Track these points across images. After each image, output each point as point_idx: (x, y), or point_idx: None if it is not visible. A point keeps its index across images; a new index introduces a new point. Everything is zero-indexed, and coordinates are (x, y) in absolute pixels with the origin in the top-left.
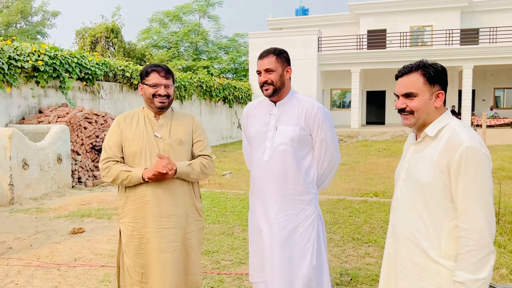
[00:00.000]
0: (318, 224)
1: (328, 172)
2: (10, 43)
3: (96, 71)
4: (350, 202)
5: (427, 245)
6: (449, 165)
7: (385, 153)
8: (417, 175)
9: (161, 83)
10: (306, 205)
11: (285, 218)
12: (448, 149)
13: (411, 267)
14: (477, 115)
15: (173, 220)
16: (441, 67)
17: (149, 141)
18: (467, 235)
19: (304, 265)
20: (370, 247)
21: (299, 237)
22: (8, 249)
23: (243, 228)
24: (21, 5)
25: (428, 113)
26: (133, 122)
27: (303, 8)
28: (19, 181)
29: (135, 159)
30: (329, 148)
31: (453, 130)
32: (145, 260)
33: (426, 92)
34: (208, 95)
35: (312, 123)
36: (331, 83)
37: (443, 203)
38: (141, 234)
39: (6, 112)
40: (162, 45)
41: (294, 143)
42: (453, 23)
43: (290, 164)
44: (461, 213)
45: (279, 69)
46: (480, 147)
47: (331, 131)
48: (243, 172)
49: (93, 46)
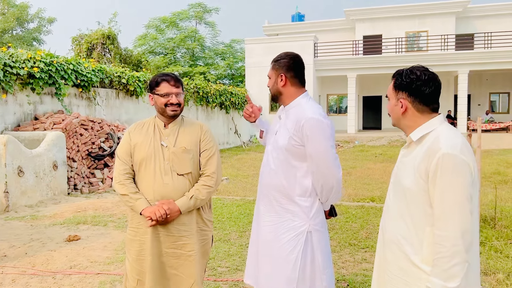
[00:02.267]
0: (306, 239)
1: (328, 191)
2: (5, 50)
3: (92, 77)
4: (346, 207)
5: (410, 250)
6: (428, 171)
7: (382, 158)
8: (402, 179)
9: (172, 92)
10: (293, 216)
11: (269, 223)
12: (427, 155)
13: (397, 271)
14: (472, 119)
15: (173, 229)
16: (414, 76)
17: (155, 149)
18: (440, 242)
19: (283, 276)
20: (367, 252)
21: (282, 246)
22: (3, 257)
23: (239, 234)
24: (17, 12)
25: (397, 118)
26: (142, 130)
27: (299, 14)
28: (14, 189)
29: (141, 166)
30: (321, 164)
31: (436, 136)
32: (142, 266)
33: (393, 98)
34: (204, 101)
35: (301, 135)
36: (328, 89)
37: (424, 209)
38: (142, 240)
39: (1, 119)
40: (158, 51)
41: (282, 151)
42: (448, 28)
43: (279, 172)
44: (437, 219)
45: (273, 76)
46: (459, 154)
47: (322, 145)
48: (240, 178)
49: (89, 52)
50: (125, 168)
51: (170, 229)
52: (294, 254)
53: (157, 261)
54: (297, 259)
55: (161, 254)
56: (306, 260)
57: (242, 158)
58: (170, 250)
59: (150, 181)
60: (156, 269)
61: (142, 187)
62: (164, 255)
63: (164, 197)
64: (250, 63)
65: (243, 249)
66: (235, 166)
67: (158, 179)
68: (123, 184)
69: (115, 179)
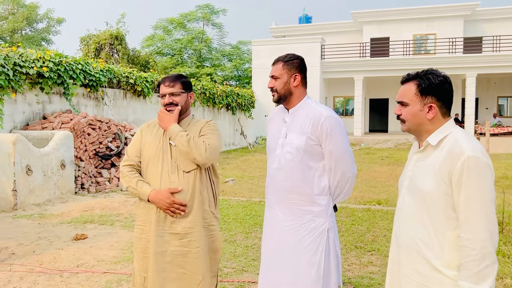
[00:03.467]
0: (328, 237)
1: (343, 186)
2: (15, 49)
3: (100, 77)
4: (352, 210)
5: (430, 254)
6: (451, 174)
7: (388, 161)
8: (420, 184)
9: (166, 92)
10: (314, 216)
11: (290, 228)
12: (450, 159)
13: (415, 276)
14: (480, 123)
15: (178, 227)
16: (439, 79)
17: (163, 147)
18: (469, 245)
19: (309, 279)
20: (373, 255)
21: (305, 249)
22: (11, 255)
23: (245, 235)
24: (26, 12)
25: (419, 123)
26: (154, 129)
27: (306, 16)
28: (22, 187)
29: (148, 163)
30: (340, 160)
31: (455, 139)
32: (148, 264)
33: (417, 103)
34: (211, 102)
35: (319, 133)
36: (334, 91)
37: (446, 212)
38: (147, 238)
39: (10, 118)
40: (166, 52)
41: (300, 152)
42: (456, 31)
43: (296, 174)
44: (463, 222)
45: (284, 76)
46: (482, 157)
47: (341, 142)
48: (245, 179)
49: (97, 52)
50: (130, 165)
51: (176, 227)
52: (318, 254)
53: (161, 261)
54: (320, 259)
55: (167, 254)
56: (327, 258)
57: (248, 159)
58: (177, 248)
59: (157, 179)
60: (160, 270)
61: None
62: (170, 255)
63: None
64: (256, 65)
65: (249, 250)
66: (241, 167)
67: (164, 177)
68: (126, 176)
69: (120, 174)
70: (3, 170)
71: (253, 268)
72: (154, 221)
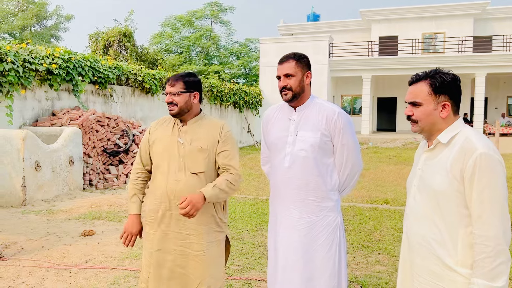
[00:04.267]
0: (339, 231)
1: (350, 179)
2: (25, 46)
3: (109, 74)
4: (360, 209)
5: (443, 252)
6: (463, 171)
7: (396, 160)
8: (431, 182)
9: (168, 91)
10: (328, 211)
11: (307, 225)
12: (462, 156)
13: (427, 275)
14: (489, 123)
15: (183, 226)
16: (451, 77)
17: (171, 145)
18: (482, 242)
19: (326, 274)
20: (380, 254)
21: (321, 244)
22: (20, 250)
23: (252, 233)
24: (36, 9)
25: (433, 123)
26: (163, 126)
27: (314, 14)
28: (31, 183)
29: (157, 161)
30: (350, 155)
31: (466, 137)
32: (152, 259)
33: (431, 102)
34: (218, 100)
35: (332, 129)
36: (342, 89)
37: (458, 210)
38: (154, 234)
39: (20, 114)
40: (173, 50)
41: (315, 149)
42: (466, 30)
43: (311, 171)
44: (476, 219)
45: (298, 74)
46: (494, 154)
47: (352, 137)
48: (252, 177)
49: (105, 50)
50: (139, 167)
51: (181, 227)
52: (332, 249)
53: (163, 258)
54: (335, 253)
55: (170, 252)
56: (340, 252)
57: (255, 157)
58: (178, 248)
59: (164, 176)
60: (161, 266)
61: (156, 182)
62: (173, 253)
63: (176, 193)
64: (264, 63)
65: (256, 247)
66: (248, 165)
67: (171, 175)
68: (130, 183)
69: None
70: (12, 165)
71: (260, 266)
72: (160, 218)
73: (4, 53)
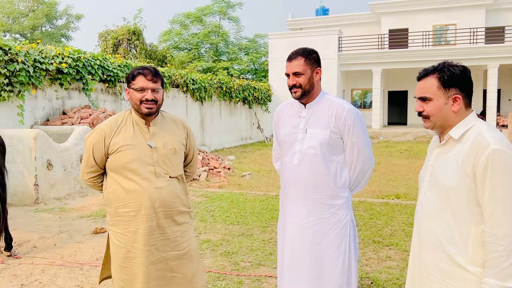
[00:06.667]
0: (349, 229)
1: (362, 177)
2: (35, 46)
3: (118, 73)
4: (371, 204)
5: (454, 250)
6: (475, 168)
7: (407, 154)
8: (442, 178)
9: (148, 87)
10: (337, 209)
11: (316, 223)
12: (474, 152)
13: (437, 273)
14: (502, 115)
15: (169, 231)
16: (460, 70)
17: (141, 151)
18: (494, 241)
19: (336, 272)
20: (391, 250)
21: (330, 242)
22: (33, 248)
23: (262, 229)
24: (46, 9)
25: (445, 117)
26: (121, 131)
27: (323, 8)
28: (43, 181)
29: (125, 170)
30: (361, 152)
31: (479, 132)
32: (128, 274)
33: (441, 97)
34: (228, 96)
35: (342, 126)
36: (352, 83)
37: (469, 208)
38: (129, 248)
39: (31, 114)
40: (182, 47)
41: (324, 146)
42: (477, 21)
43: (320, 168)
44: (488, 217)
45: (308, 71)
46: (508, 150)
47: (363, 133)
48: (262, 173)
49: (115, 48)
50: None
51: (167, 232)
52: (342, 247)
53: (153, 270)
54: (345, 251)
55: (158, 261)
56: (351, 252)
57: (265, 153)
58: (168, 254)
59: (141, 186)
60: (151, 279)
61: (131, 193)
62: (162, 261)
63: (162, 201)
64: (273, 58)
65: (266, 244)
66: (258, 161)
67: (150, 183)
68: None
69: (83, 176)
70: (25, 165)
71: (270, 262)
72: (145, 232)
73: (14, 53)
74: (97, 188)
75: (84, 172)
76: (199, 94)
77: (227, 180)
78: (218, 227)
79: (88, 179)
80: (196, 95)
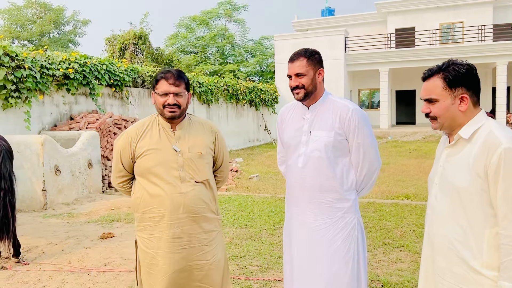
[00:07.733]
0: (357, 231)
1: (369, 178)
2: (42, 52)
3: (125, 77)
4: (380, 205)
5: (468, 254)
6: (487, 168)
7: (416, 154)
8: (453, 180)
9: (170, 91)
10: (344, 212)
11: (323, 227)
12: (485, 151)
13: (451, 278)
14: None
15: (195, 239)
16: (465, 68)
17: (166, 155)
18: (509, 243)
19: (346, 277)
20: (402, 252)
21: (339, 247)
22: (41, 254)
23: (270, 232)
24: (54, 15)
25: (453, 118)
26: (146, 135)
27: (329, 8)
28: (51, 187)
29: (150, 175)
30: (367, 152)
31: (489, 131)
32: (153, 280)
33: (447, 97)
34: (234, 98)
35: (347, 127)
36: (359, 83)
37: (483, 209)
38: (154, 254)
39: (39, 119)
40: (189, 50)
41: (329, 149)
42: (485, 18)
43: (325, 171)
44: (502, 219)
45: (310, 72)
46: None
47: (368, 134)
48: (270, 175)
49: (122, 52)
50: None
51: (193, 240)
52: (351, 251)
53: (178, 278)
54: (354, 254)
55: (185, 270)
56: (359, 254)
57: (272, 155)
58: (194, 262)
59: (165, 190)
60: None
61: (156, 198)
62: (188, 270)
63: (186, 206)
64: (279, 60)
65: (274, 247)
66: (265, 163)
67: (173, 188)
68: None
69: (118, 189)
70: (32, 170)
71: (279, 265)
72: (168, 238)
73: (21, 59)
74: (128, 193)
75: (114, 177)
76: (206, 97)
77: (234, 182)
78: (226, 230)
79: (118, 184)
80: (203, 98)
